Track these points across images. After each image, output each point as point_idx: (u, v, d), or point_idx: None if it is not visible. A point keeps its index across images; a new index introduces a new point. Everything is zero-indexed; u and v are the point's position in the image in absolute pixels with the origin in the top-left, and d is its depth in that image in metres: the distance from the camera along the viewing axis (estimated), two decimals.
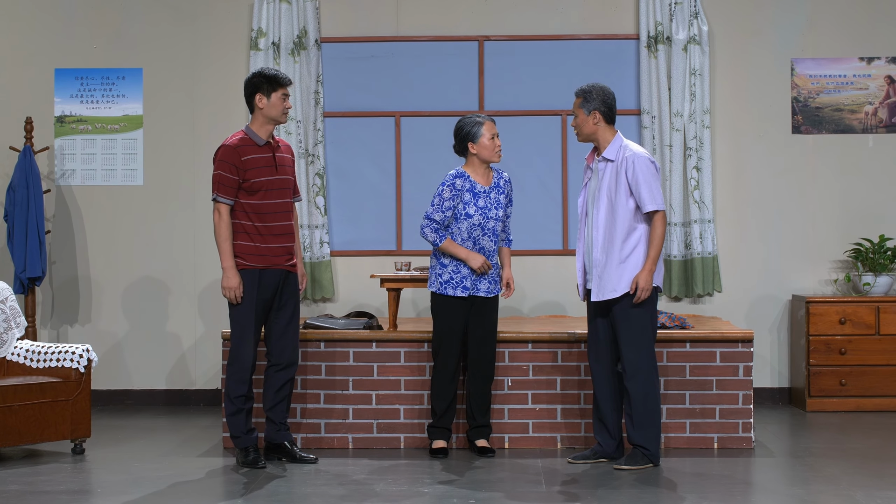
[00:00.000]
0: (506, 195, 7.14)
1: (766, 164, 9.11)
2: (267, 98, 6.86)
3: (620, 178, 6.68)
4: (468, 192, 7.06)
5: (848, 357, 8.63)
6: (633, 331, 6.71)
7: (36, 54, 9.17)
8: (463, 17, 9.17)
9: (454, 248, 7.04)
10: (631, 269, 6.67)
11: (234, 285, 6.77)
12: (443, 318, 7.09)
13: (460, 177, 7.08)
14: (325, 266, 9.02)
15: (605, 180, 6.71)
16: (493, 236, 7.10)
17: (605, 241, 6.70)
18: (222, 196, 6.78)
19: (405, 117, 9.16)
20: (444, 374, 7.11)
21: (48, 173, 9.14)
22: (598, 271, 6.71)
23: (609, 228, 6.69)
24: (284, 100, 6.89)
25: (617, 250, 6.67)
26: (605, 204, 6.69)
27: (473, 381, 7.15)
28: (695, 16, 8.93)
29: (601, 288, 6.71)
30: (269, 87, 6.86)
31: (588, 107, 6.74)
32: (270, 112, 6.87)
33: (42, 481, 6.50)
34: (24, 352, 7.40)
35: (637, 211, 6.69)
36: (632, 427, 6.77)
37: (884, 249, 8.81)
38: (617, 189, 6.68)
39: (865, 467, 6.75)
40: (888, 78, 9.07)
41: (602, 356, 6.85)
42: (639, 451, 6.76)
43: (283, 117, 6.91)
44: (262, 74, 6.90)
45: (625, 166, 6.68)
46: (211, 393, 9.08)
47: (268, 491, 6.26)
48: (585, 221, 6.82)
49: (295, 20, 9.00)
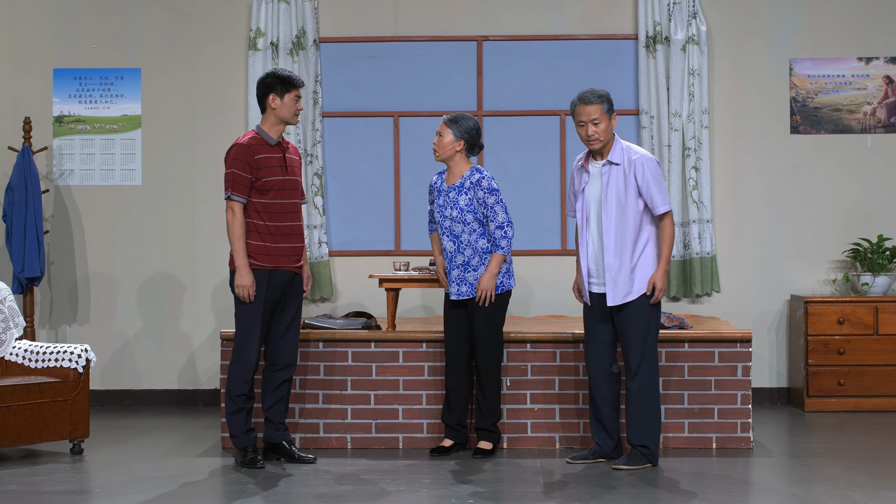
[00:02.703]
0: (471, 196, 7.02)
1: (765, 164, 9.11)
2: (280, 99, 6.88)
3: (629, 181, 6.67)
4: (436, 190, 7.17)
5: (846, 357, 8.63)
6: (638, 330, 6.72)
7: (34, 54, 9.17)
8: (461, 18, 9.17)
9: (433, 246, 7.29)
10: (643, 271, 6.69)
11: (248, 283, 6.77)
12: (444, 315, 7.21)
13: (437, 174, 7.22)
14: (323, 266, 9.02)
15: (611, 184, 6.68)
16: (453, 237, 7.05)
17: (618, 244, 6.68)
18: (236, 194, 6.79)
19: (404, 117, 9.16)
20: (447, 372, 7.15)
21: (47, 173, 9.14)
22: (613, 275, 6.69)
23: (621, 232, 6.68)
24: (297, 101, 6.92)
25: (629, 253, 6.68)
26: (615, 207, 6.67)
27: (477, 384, 7.18)
28: (693, 16, 8.93)
29: (617, 292, 6.69)
30: (283, 88, 6.88)
31: (610, 111, 6.71)
32: (282, 113, 6.89)
33: (40, 481, 6.50)
34: (22, 352, 7.39)
35: (644, 212, 6.70)
36: (632, 427, 6.77)
37: (882, 249, 8.81)
38: (626, 192, 6.67)
39: (864, 467, 6.75)
40: (886, 78, 9.07)
41: (601, 357, 6.84)
42: (638, 451, 6.76)
43: (294, 119, 6.94)
44: (276, 75, 6.92)
45: (633, 169, 6.67)
46: (210, 393, 9.08)
47: (266, 491, 6.25)
48: (588, 226, 6.79)
49: (293, 20, 9.00)
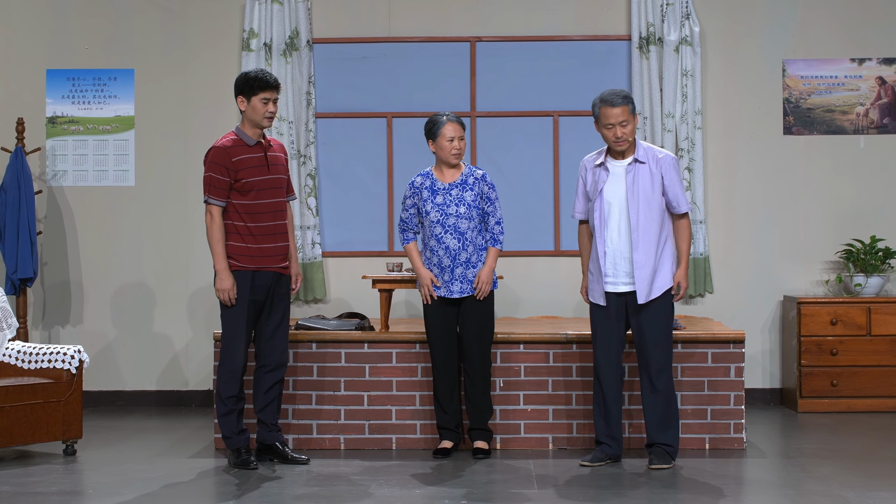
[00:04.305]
0: (477, 192, 7.07)
1: (758, 165, 9.12)
2: (247, 101, 6.79)
3: (655, 179, 6.72)
4: (427, 190, 7.08)
5: (839, 358, 8.64)
6: (661, 330, 6.76)
7: (27, 55, 9.16)
8: (455, 18, 9.17)
9: (412, 256, 7.15)
10: (666, 268, 6.75)
11: (228, 287, 6.75)
12: (427, 317, 7.14)
13: (422, 175, 7.15)
14: (316, 267, 9.02)
15: (639, 182, 6.70)
16: (458, 234, 7.03)
17: (647, 242, 6.70)
18: (213, 198, 6.76)
19: (397, 118, 9.16)
20: (436, 373, 7.13)
21: (40, 174, 9.13)
22: (644, 273, 6.70)
23: (649, 229, 6.70)
24: (266, 104, 6.78)
25: (656, 250, 6.72)
26: (643, 205, 6.70)
27: (466, 383, 7.15)
28: (686, 17, 8.94)
29: (646, 289, 6.70)
30: (251, 91, 6.77)
31: (634, 112, 6.73)
32: (251, 116, 6.80)
33: (33, 482, 6.49)
34: (15, 353, 7.38)
35: (664, 210, 6.75)
36: (655, 426, 6.78)
37: (875, 250, 8.82)
38: (653, 190, 6.71)
39: (856, 468, 6.76)
40: (879, 79, 9.08)
41: (615, 358, 6.83)
42: (662, 449, 6.77)
43: (265, 121, 6.81)
44: (244, 77, 6.82)
45: (660, 167, 6.73)
46: (203, 394, 9.07)
47: (259, 492, 6.25)
48: (606, 226, 6.75)
49: (287, 21, 9.00)
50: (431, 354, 7.15)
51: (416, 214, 7.14)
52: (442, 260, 7.07)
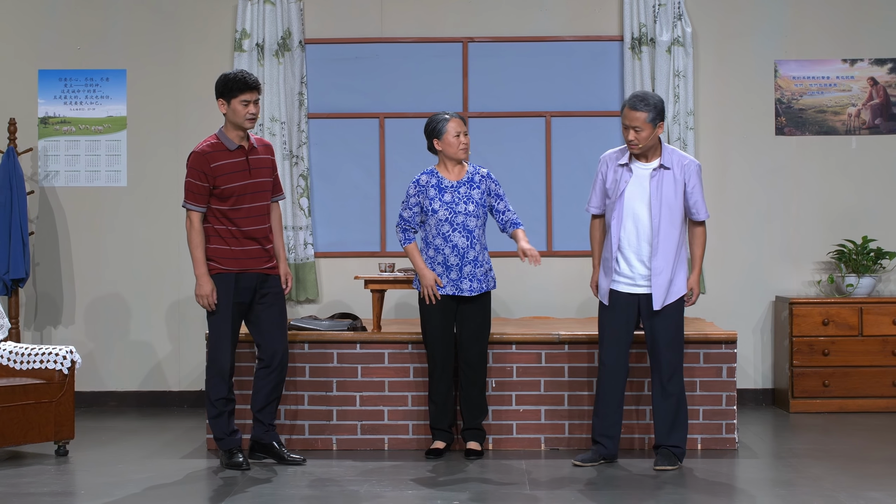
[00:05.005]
0: (483, 189, 7.08)
1: (750, 166, 9.13)
2: (227, 104, 6.72)
3: (679, 185, 6.70)
4: (433, 188, 7.06)
5: (831, 358, 8.65)
6: (674, 333, 6.76)
7: (19, 55, 9.15)
8: (447, 19, 9.17)
9: (414, 257, 7.09)
10: (681, 274, 6.76)
11: (207, 293, 6.72)
12: (426, 317, 7.11)
13: (427, 173, 7.12)
14: (309, 267, 9.01)
15: (663, 187, 6.67)
16: (466, 232, 7.02)
17: (667, 248, 6.69)
18: (193, 203, 6.71)
19: (389, 119, 9.16)
20: (434, 373, 7.12)
21: (32, 174, 9.12)
22: (661, 279, 6.69)
23: (670, 235, 6.69)
24: (246, 106, 6.69)
25: (675, 257, 6.72)
26: (666, 211, 6.68)
27: (462, 383, 7.15)
28: (678, 17, 8.95)
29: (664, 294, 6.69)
30: (230, 93, 6.69)
31: (655, 120, 6.64)
32: (231, 118, 6.72)
33: (25, 483, 6.48)
34: (7, 353, 7.38)
35: (684, 217, 6.76)
36: (665, 428, 6.78)
37: (867, 251, 8.84)
38: (675, 196, 6.70)
39: (848, 468, 6.77)
40: (871, 80, 9.10)
41: (621, 358, 6.83)
42: (669, 451, 6.77)
43: (247, 123, 6.73)
44: (223, 79, 6.73)
45: (684, 173, 6.71)
46: (195, 394, 9.06)
47: (251, 492, 6.25)
48: (623, 226, 6.72)
49: (279, 21, 8.99)
50: (430, 354, 7.13)
51: (419, 213, 7.13)
52: (448, 259, 7.04)
